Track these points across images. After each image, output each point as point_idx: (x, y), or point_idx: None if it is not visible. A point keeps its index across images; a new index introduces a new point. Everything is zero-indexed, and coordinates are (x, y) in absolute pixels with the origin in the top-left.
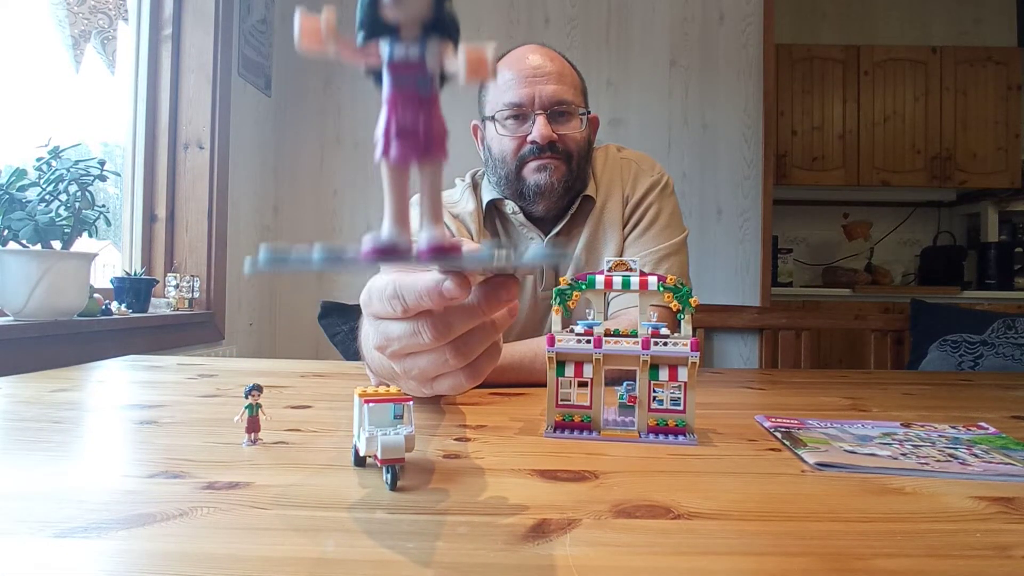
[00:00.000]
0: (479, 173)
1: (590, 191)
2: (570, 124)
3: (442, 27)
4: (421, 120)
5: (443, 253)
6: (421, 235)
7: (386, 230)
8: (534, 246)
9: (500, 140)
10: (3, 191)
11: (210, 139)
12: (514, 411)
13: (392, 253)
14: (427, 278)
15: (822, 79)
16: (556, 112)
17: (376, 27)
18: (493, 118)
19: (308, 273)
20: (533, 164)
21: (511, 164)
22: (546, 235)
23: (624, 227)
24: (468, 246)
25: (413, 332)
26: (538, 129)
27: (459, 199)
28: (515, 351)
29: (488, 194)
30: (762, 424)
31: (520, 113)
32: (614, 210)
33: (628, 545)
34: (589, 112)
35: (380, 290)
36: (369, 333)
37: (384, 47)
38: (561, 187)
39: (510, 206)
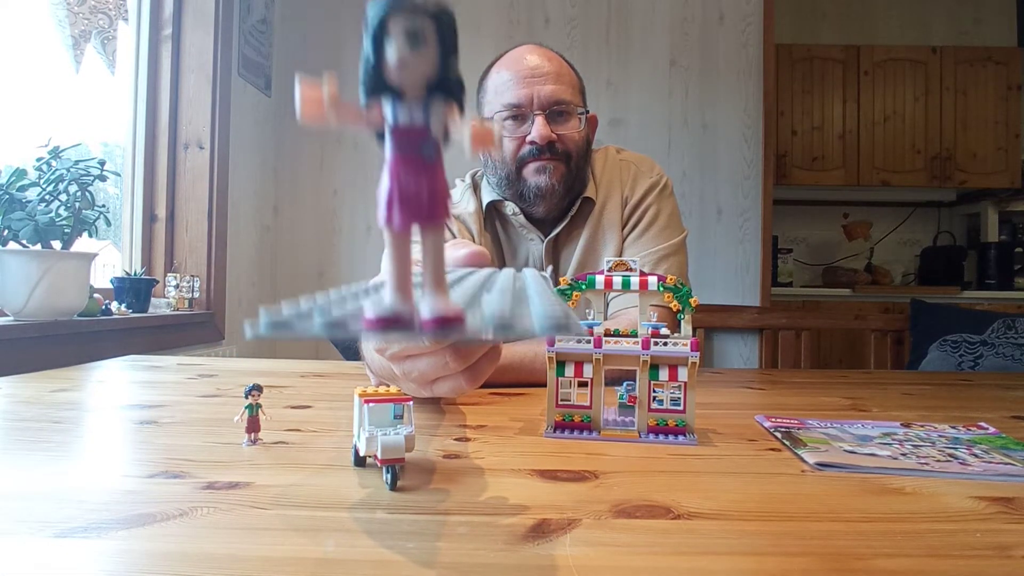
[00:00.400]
0: (478, 174)
1: (590, 192)
2: (569, 124)
3: (447, 88)
4: (424, 184)
5: (447, 325)
6: (423, 304)
7: (388, 299)
8: (536, 316)
9: (499, 141)
10: (3, 191)
11: (210, 139)
12: (514, 411)
13: (395, 324)
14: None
15: (822, 79)
16: (555, 112)
17: (379, 88)
18: (491, 119)
19: (309, 272)
20: (533, 166)
21: (511, 165)
22: (546, 236)
23: (623, 228)
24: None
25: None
26: (537, 129)
27: (459, 199)
28: (515, 351)
29: (488, 195)
30: (762, 424)
31: (519, 114)
32: (613, 212)
33: (628, 545)
34: (588, 111)
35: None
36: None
37: (388, 109)
38: (561, 188)
39: (510, 207)
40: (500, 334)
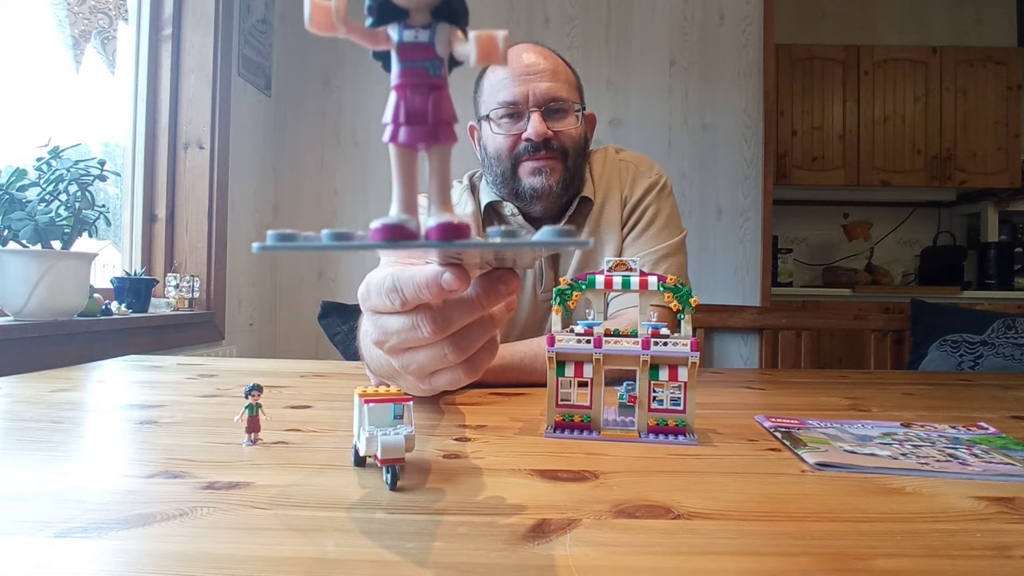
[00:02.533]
0: (477, 175)
1: (588, 193)
2: (565, 120)
3: (451, 12)
4: (430, 105)
5: (452, 233)
6: (430, 218)
7: (393, 212)
8: (545, 228)
9: (495, 139)
10: (3, 191)
11: (210, 139)
12: (514, 411)
13: (400, 234)
14: (426, 270)
15: (822, 79)
16: (551, 109)
17: (385, 12)
18: (488, 117)
19: (309, 272)
20: (529, 165)
21: (506, 163)
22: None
23: (623, 228)
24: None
25: (412, 326)
26: (532, 126)
27: (458, 201)
28: (515, 351)
29: (486, 196)
30: (762, 424)
31: (515, 111)
32: (613, 212)
33: (628, 545)
34: (584, 109)
35: (378, 284)
36: (368, 329)
37: (393, 32)
38: (559, 188)
39: (508, 208)
40: (505, 239)
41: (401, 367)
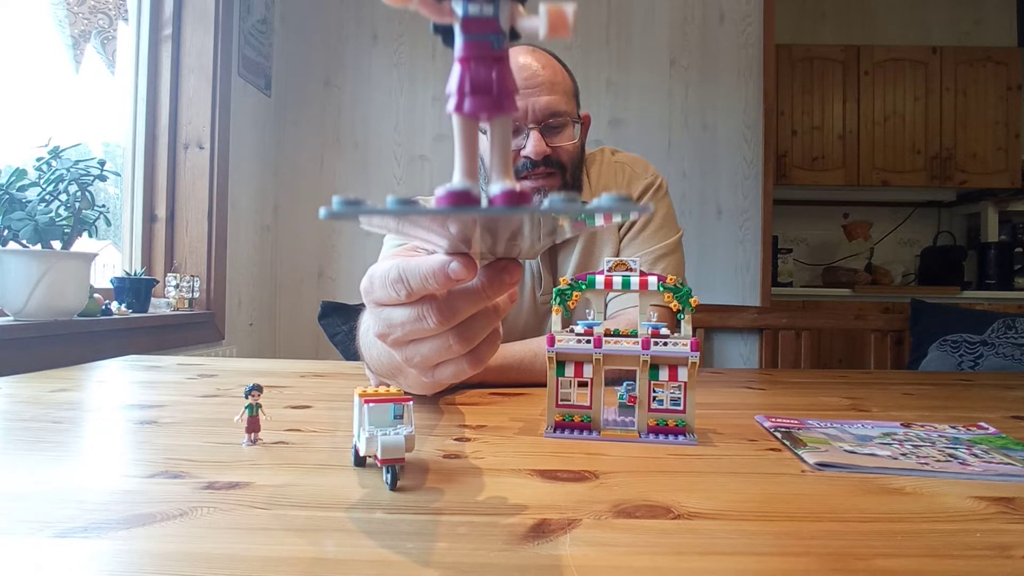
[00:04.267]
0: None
1: (585, 196)
2: (563, 135)
3: None
4: (495, 76)
5: (516, 199)
6: (492, 186)
7: (457, 180)
8: (604, 195)
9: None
10: (3, 191)
11: (210, 139)
12: (514, 411)
13: (466, 199)
14: (432, 260)
15: (822, 79)
16: (549, 125)
17: None
18: (486, 132)
19: (309, 272)
20: (527, 184)
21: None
22: None
23: (619, 229)
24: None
25: (417, 317)
26: (532, 145)
27: None
28: (515, 351)
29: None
30: (762, 424)
31: (513, 128)
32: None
33: (628, 545)
34: (580, 117)
35: (383, 275)
36: (370, 324)
37: (458, 5)
38: None
39: None
40: (568, 209)
41: (404, 360)
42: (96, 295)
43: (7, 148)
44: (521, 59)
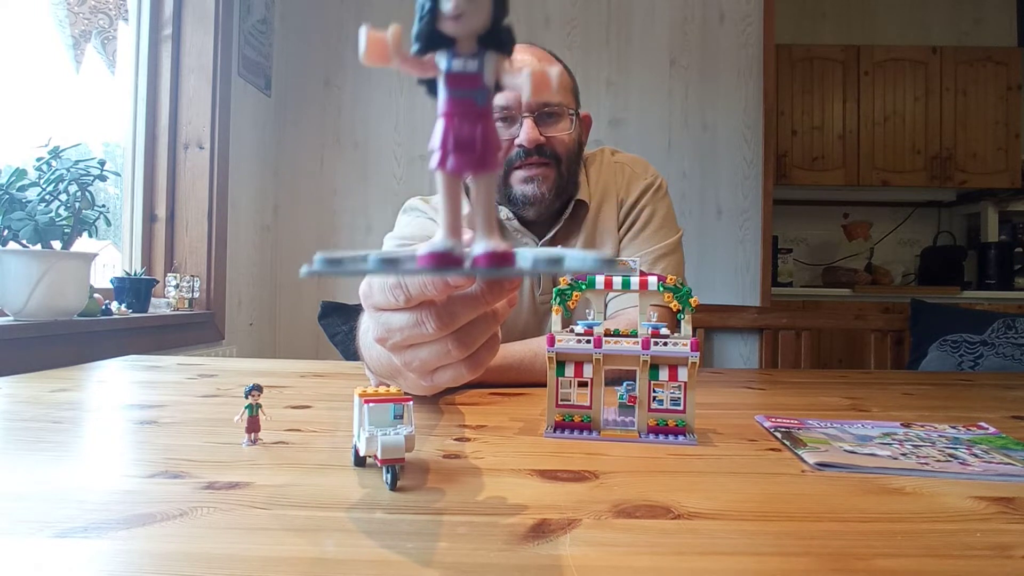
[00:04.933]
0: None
1: (584, 196)
2: (559, 125)
3: (499, 41)
4: (479, 133)
5: (499, 261)
6: (476, 245)
7: (440, 239)
8: (580, 255)
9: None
10: (3, 191)
11: (210, 139)
12: (514, 411)
13: (448, 260)
14: (431, 281)
15: (822, 79)
16: (544, 114)
17: (432, 40)
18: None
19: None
20: (520, 173)
21: (499, 168)
22: (540, 240)
23: (619, 230)
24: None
25: (416, 323)
26: (525, 132)
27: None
28: (515, 351)
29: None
30: (762, 424)
31: (507, 115)
32: (609, 215)
33: (628, 545)
34: (579, 112)
35: (381, 280)
36: (369, 327)
37: (442, 60)
38: (551, 195)
39: (504, 212)
40: (550, 269)
41: (403, 364)
42: (96, 295)
43: (7, 148)
44: (517, 56)
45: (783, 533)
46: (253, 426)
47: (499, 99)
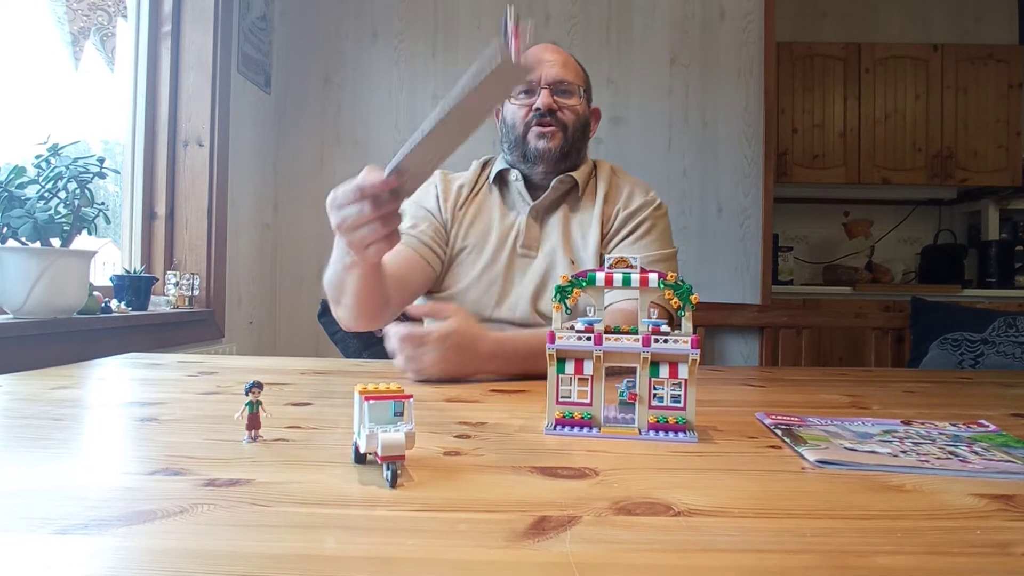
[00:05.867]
0: (490, 158)
1: (578, 175)
2: (570, 99)
3: None
4: None
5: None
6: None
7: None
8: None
9: (513, 110)
10: (2, 188)
11: (210, 136)
12: (514, 408)
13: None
14: (372, 177)
15: (823, 77)
16: (558, 89)
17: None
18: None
19: (309, 270)
20: (536, 130)
21: (520, 128)
22: (534, 201)
23: (612, 229)
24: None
25: (359, 209)
26: (542, 99)
27: (462, 172)
28: (516, 344)
29: (498, 166)
30: (762, 421)
31: (529, 88)
32: (590, 201)
33: (628, 542)
34: (590, 96)
35: (345, 186)
36: (336, 245)
37: None
38: (558, 152)
39: (514, 174)
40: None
41: (348, 243)
42: (96, 293)
43: (6, 145)
44: (541, 50)
45: (783, 530)
46: (253, 423)
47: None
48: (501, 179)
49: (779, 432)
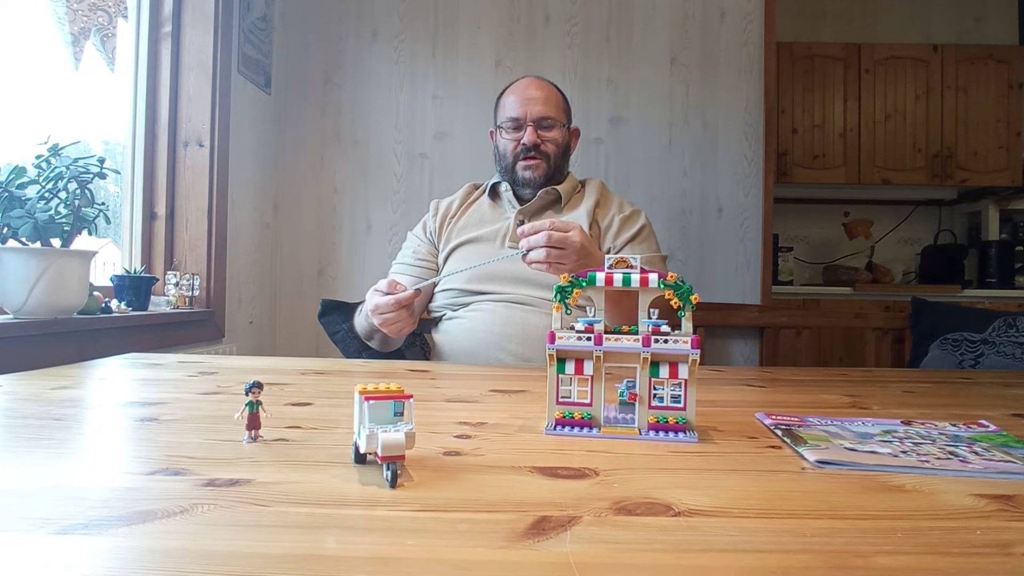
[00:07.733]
0: (490, 181)
1: (563, 188)
2: (551, 132)
3: None
4: None
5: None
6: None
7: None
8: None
9: (503, 142)
10: (3, 189)
11: (210, 137)
12: (514, 408)
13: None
14: (407, 295)
15: (823, 77)
16: (542, 124)
17: None
18: (500, 127)
19: (309, 270)
20: (523, 163)
21: (509, 159)
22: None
23: (595, 227)
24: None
25: (391, 309)
26: (527, 136)
27: (453, 195)
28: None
29: (494, 179)
30: (762, 421)
31: (517, 124)
32: (573, 212)
33: (628, 542)
34: (569, 125)
35: (384, 299)
36: (366, 312)
37: None
38: (542, 179)
39: (504, 186)
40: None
41: (379, 323)
42: (96, 293)
43: (6, 145)
44: (528, 86)
45: (783, 530)
46: (253, 423)
47: (512, 113)
48: (494, 191)
49: (779, 432)
